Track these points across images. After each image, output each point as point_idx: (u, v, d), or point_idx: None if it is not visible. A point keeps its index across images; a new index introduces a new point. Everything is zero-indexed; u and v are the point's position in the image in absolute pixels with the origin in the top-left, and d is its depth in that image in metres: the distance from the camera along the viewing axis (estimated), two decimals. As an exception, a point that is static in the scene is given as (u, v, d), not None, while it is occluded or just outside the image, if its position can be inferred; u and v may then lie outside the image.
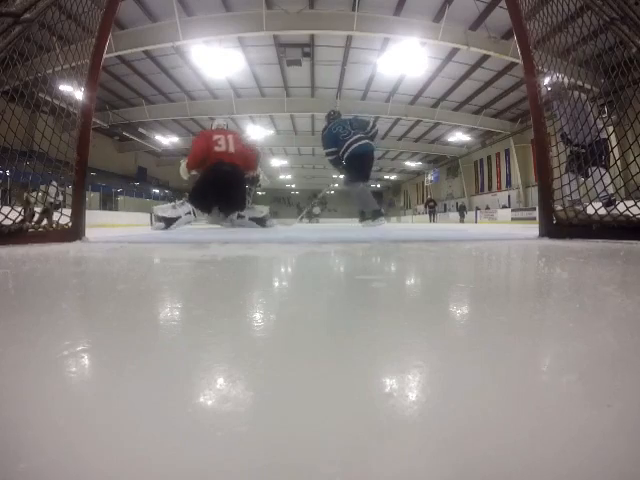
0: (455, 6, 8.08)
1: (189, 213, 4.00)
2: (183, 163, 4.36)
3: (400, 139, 18.27)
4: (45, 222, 2.20)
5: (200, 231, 3.60)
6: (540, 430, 0.22)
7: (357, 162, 4.80)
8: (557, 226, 2.08)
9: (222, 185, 4.16)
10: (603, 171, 3.35)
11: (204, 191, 4.22)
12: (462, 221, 17.38)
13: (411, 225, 9.32)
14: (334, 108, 5.82)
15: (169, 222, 3.81)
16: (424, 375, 0.31)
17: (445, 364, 0.34)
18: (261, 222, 4.48)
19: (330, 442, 0.22)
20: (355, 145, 4.75)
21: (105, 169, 16.81)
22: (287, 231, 3.53)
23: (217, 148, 4.25)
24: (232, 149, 4.31)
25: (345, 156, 4.81)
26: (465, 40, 8.75)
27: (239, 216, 4.44)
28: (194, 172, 4.42)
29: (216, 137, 4.34)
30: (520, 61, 2.33)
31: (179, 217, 3.90)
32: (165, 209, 3.93)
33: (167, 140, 17.06)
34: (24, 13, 1.73)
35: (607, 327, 0.44)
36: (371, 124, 5.00)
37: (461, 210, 18.43)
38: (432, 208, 19.45)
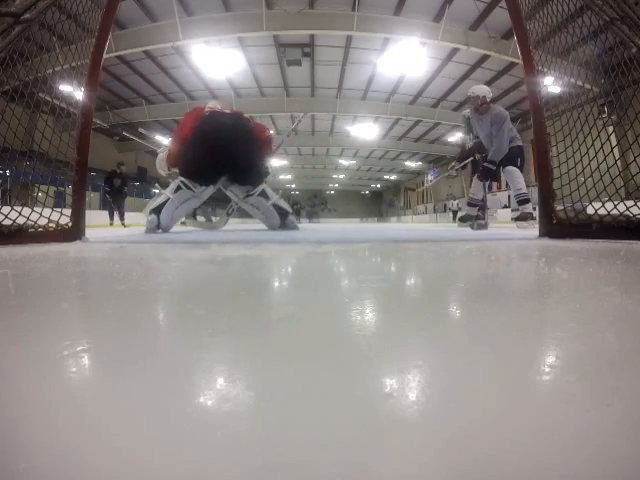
0: (455, 6, 8.07)
1: (179, 188, 3.24)
2: (161, 154, 3.58)
3: (400, 139, 18.24)
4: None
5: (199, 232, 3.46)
6: (540, 430, 0.22)
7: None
8: (557, 226, 2.08)
9: (222, 138, 3.15)
10: (516, 171, 4.04)
11: (197, 149, 3.18)
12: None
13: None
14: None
15: (158, 210, 3.20)
16: (424, 375, 0.31)
17: (445, 364, 0.34)
18: (283, 216, 3.55)
19: (330, 442, 0.22)
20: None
21: (105, 169, 16.80)
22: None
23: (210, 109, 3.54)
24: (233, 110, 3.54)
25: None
26: (465, 40, 8.74)
27: (258, 194, 3.41)
28: (174, 169, 3.48)
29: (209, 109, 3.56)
30: (520, 61, 2.33)
31: (167, 200, 3.23)
32: (150, 203, 3.39)
33: (167, 140, 17.02)
34: (24, 13, 1.73)
35: (607, 327, 0.44)
36: None
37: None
38: None
